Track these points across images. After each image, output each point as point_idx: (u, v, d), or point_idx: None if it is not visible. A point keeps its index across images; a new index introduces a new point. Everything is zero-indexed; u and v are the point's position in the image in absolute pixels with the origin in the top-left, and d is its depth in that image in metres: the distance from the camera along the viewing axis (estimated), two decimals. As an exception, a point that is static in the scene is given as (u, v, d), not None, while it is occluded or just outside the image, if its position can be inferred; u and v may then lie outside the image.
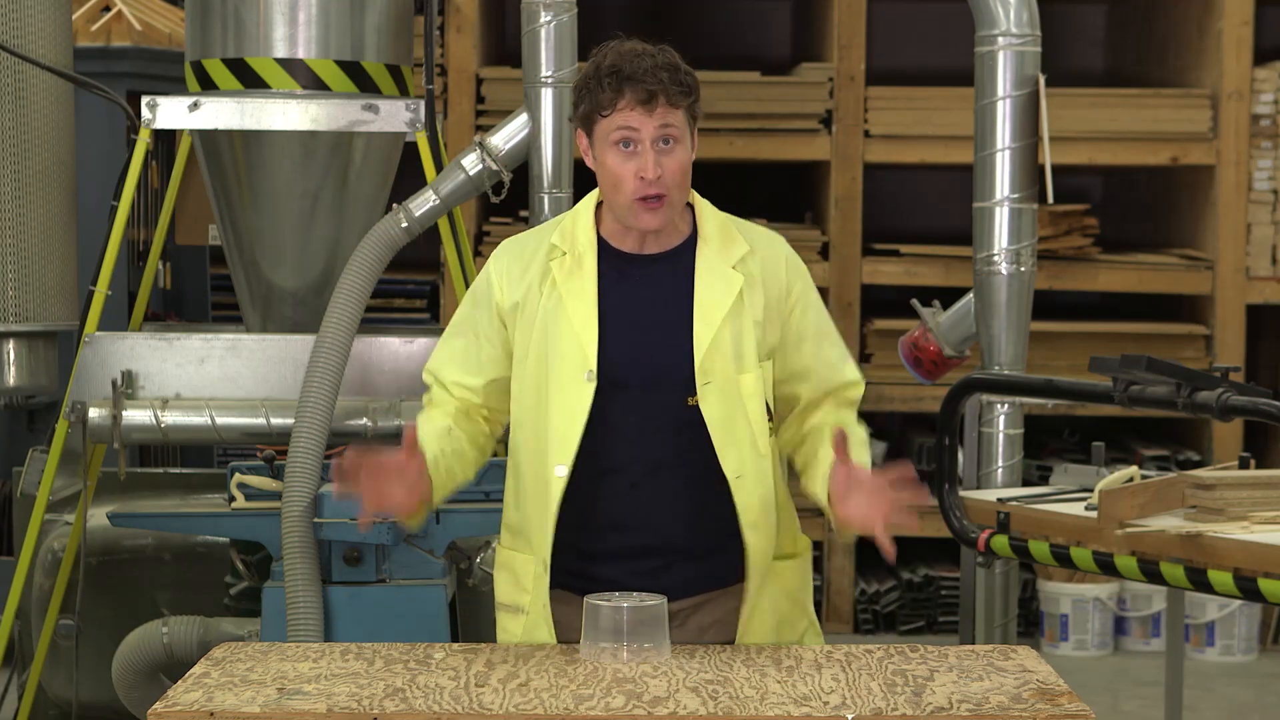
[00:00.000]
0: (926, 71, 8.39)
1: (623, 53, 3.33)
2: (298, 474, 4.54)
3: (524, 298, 3.41)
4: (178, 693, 3.07)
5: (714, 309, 3.36)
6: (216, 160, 5.25)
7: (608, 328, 3.37)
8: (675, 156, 3.33)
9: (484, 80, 7.83)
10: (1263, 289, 7.85)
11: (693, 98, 3.35)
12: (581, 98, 3.33)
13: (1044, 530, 4.48)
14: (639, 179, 3.29)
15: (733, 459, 3.38)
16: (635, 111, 3.28)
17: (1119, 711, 6.78)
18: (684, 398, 3.37)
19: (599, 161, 3.34)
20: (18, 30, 5.20)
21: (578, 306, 3.36)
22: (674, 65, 3.33)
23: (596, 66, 3.32)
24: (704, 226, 3.44)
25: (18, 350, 5.32)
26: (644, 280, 3.40)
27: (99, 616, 5.21)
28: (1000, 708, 2.97)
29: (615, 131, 3.30)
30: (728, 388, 3.36)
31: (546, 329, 3.38)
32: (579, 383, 3.35)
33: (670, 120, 3.31)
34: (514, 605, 3.50)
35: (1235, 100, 7.73)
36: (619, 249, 3.41)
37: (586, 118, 3.33)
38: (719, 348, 3.36)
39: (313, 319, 5.12)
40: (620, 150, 3.30)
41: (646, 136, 3.29)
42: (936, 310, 5.62)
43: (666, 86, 3.29)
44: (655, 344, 3.38)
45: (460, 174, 5.13)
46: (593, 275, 3.38)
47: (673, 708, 2.97)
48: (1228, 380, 4.15)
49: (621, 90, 3.28)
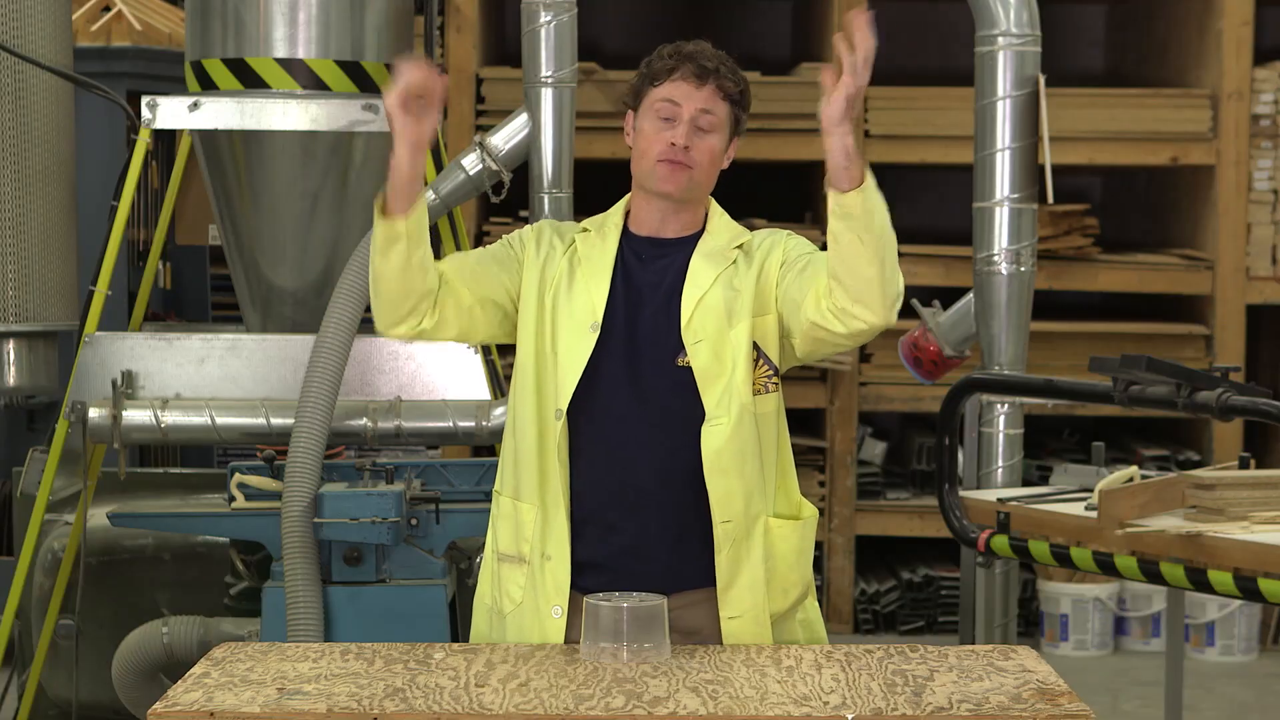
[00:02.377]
0: (926, 71, 8.39)
1: (692, 41, 3.51)
2: (298, 474, 4.54)
3: (547, 258, 3.54)
4: (178, 693, 3.07)
5: (704, 275, 3.48)
6: (216, 160, 5.25)
7: (615, 293, 3.49)
8: (708, 141, 3.47)
9: (484, 80, 7.83)
10: (1263, 289, 7.85)
11: (741, 93, 3.50)
12: (640, 75, 3.49)
13: (1044, 530, 4.48)
14: (669, 144, 3.43)
15: (709, 403, 3.45)
16: (686, 84, 3.44)
17: (1119, 711, 6.78)
18: (675, 357, 3.45)
19: (638, 130, 3.48)
20: (18, 30, 5.20)
21: (594, 271, 3.51)
22: (734, 64, 3.50)
23: (660, 50, 3.50)
24: (711, 224, 3.56)
25: (18, 350, 5.32)
26: (654, 260, 3.53)
27: (99, 616, 5.21)
28: (1000, 708, 2.98)
29: (660, 103, 3.45)
30: (719, 342, 3.45)
31: (561, 288, 3.51)
32: (584, 331, 3.46)
33: (713, 107, 3.46)
34: (516, 555, 3.53)
35: (1235, 100, 7.73)
36: (637, 233, 3.55)
37: (637, 90, 3.49)
38: (708, 308, 3.46)
39: (313, 319, 5.12)
40: (659, 121, 3.45)
41: (687, 113, 3.44)
42: (936, 310, 5.62)
43: (721, 72, 3.45)
44: (652, 308, 3.49)
45: (460, 174, 5.13)
46: (612, 249, 3.53)
47: (673, 708, 2.97)
48: (1228, 380, 4.15)
49: (680, 64, 3.45)
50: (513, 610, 3.53)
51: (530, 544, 3.51)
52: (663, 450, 3.46)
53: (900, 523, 8.03)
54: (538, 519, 3.49)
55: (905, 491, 8.16)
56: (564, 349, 3.48)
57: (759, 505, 3.49)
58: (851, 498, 7.96)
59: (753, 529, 3.48)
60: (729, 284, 3.48)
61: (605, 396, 3.47)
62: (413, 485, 4.64)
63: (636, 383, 3.47)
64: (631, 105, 3.51)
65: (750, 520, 3.48)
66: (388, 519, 4.47)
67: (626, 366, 3.47)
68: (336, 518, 4.48)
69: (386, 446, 5.87)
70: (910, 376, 5.81)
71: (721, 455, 3.44)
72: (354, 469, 4.75)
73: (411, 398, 5.07)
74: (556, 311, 3.50)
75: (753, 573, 3.48)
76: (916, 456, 8.14)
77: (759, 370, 3.47)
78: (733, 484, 3.45)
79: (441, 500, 4.59)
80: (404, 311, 3.45)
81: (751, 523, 3.48)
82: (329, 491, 4.51)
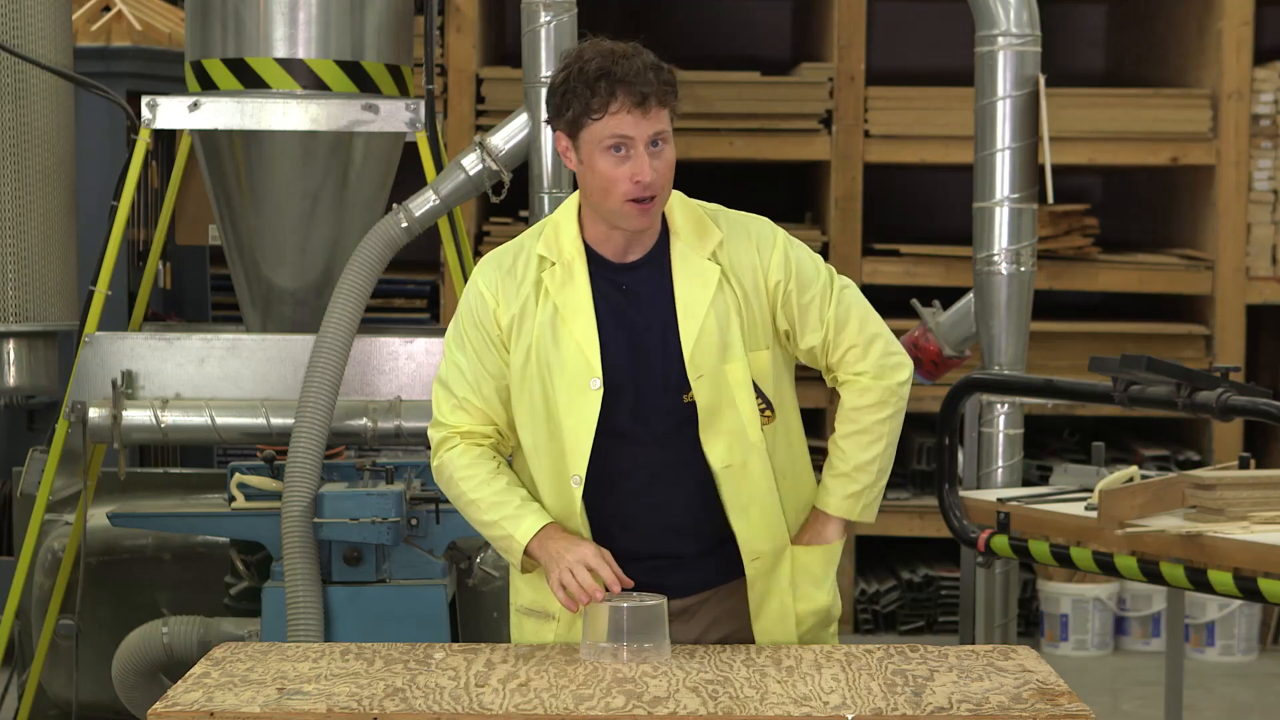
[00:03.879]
0: (926, 71, 8.38)
1: (605, 53, 3.29)
2: (298, 474, 4.54)
3: (520, 311, 3.41)
4: (178, 693, 3.07)
5: (696, 303, 3.38)
6: (216, 160, 5.25)
7: (604, 336, 3.38)
8: (665, 157, 3.32)
9: (484, 80, 7.83)
10: (1263, 289, 7.85)
11: (675, 90, 3.33)
12: (567, 102, 3.30)
13: (1044, 530, 4.48)
14: (634, 182, 3.28)
15: (719, 449, 3.40)
16: (630, 115, 3.26)
17: (1119, 711, 6.78)
18: (680, 395, 3.39)
19: (587, 165, 3.31)
20: (18, 30, 5.20)
21: (577, 318, 3.37)
22: (658, 65, 3.31)
23: (581, 69, 3.28)
24: (674, 220, 3.43)
25: (18, 350, 5.32)
26: (631, 286, 3.41)
27: (99, 616, 5.21)
28: (1000, 708, 2.98)
29: (609, 138, 3.27)
30: (716, 378, 3.38)
31: (546, 341, 3.39)
32: (586, 391, 3.36)
33: (661, 125, 3.30)
34: (542, 611, 3.48)
35: (1235, 100, 7.73)
36: (605, 257, 3.41)
37: (574, 122, 3.30)
38: (705, 340, 3.37)
39: (313, 319, 5.12)
40: (612, 155, 3.28)
41: (641, 141, 3.28)
42: (936, 310, 5.62)
43: (657, 88, 3.28)
44: (648, 347, 3.39)
45: (460, 174, 5.13)
46: (585, 286, 3.38)
47: (673, 708, 2.97)
48: (1228, 380, 4.15)
49: (614, 94, 3.25)
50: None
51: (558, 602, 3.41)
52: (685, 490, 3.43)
53: (900, 523, 8.03)
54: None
55: (905, 491, 8.15)
56: (566, 411, 3.38)
57: (783, 538, 3.49)
58: (851, 498, 7.94)
59: (779, 561, 3.49)
60: (720, 311, 3.38)
61: (617, 448, 3.40)
62: (413, 485, 4.64)
63: (648, 427, 3.40)
64: (568, 134, 3.32)
65: (776, 553, 3.48)
66: (388, 519, 4.47)
67: (633, 414, 3.39)
68: (336, 518, 4.48)
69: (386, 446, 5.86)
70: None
71: (740, 495, 3.42)
72: (354, 469, 4.75)
73: (411, 398, 5.07)
74: (551, 369, 3.38)
75: (781, 601, 3.50)
76: (916, 456, 8.14)
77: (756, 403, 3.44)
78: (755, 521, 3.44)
79: (441, 500, 4.58)
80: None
81: (778, 555, 3.48)
82: (329, 491, 4.51)
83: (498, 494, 3.42)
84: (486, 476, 3.43)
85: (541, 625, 3.49)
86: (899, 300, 6.38)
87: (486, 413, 3.46)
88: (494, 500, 3.42)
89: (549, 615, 3.47)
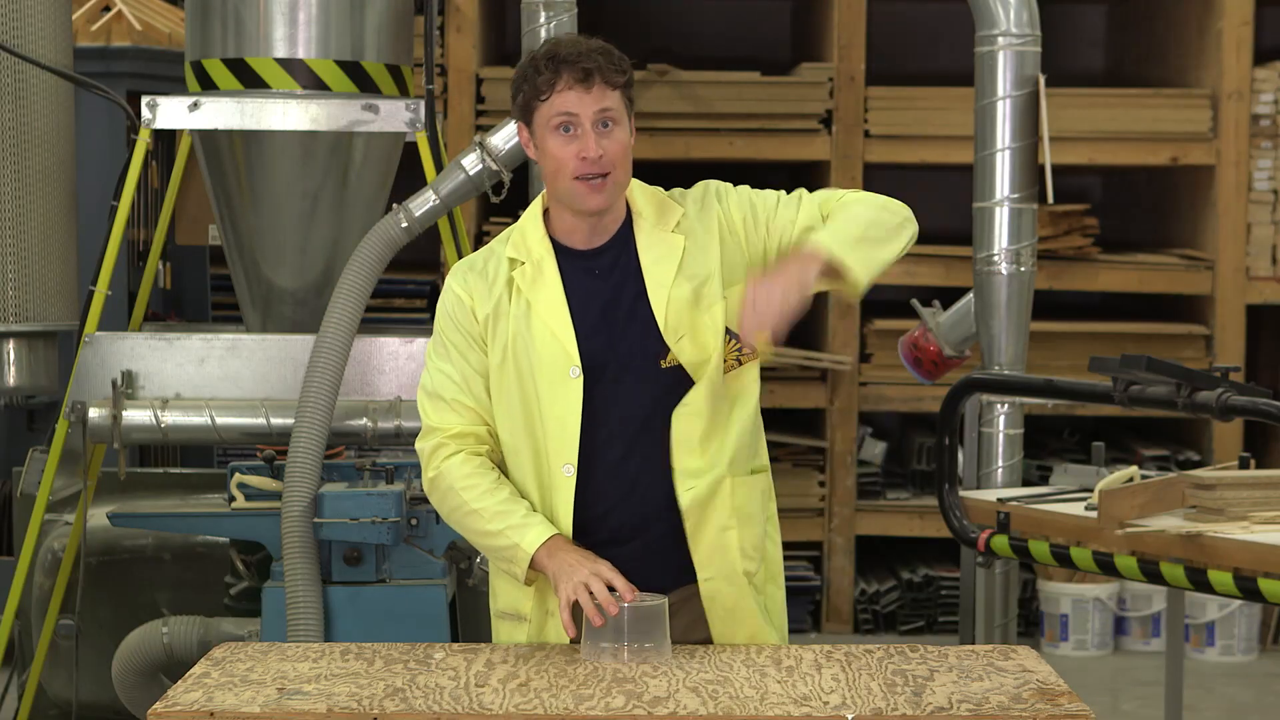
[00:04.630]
0: (926, 71, 8.39)
1: (556, 40, 3.41)
2: (298, 474, 4.54)
3: (494, 310, 3.45)
4: (178, 693, 3.07)
5: (664, 273, 3.41)
6: (216, 160, 5.25)
7: (578, 323, 3.41)
8: (615, 137, 3.36)
9: (484, 80, 7.83)
10: (1263, 289, 7.85)
11: (627, 78, 3.39)
12: (519, 88, 3.39)
13: (1044, 530, 4.48)
14: (580, 159, 3.34)
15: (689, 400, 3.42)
16: (574, 92, 3.33)
17: (1119, 711, 6.78)
18: (656, 363, 3.41)
19: (540, 150, 3.39)
20: (18, 30, 5.20)
21: (549, 310, 3.41)
22: (608, 49, 3.38)
23: (532, 56, 3.39)
24: (636, 203, 3.48)
25: (18, 350, 5.32)
26: (601, 272, 3.45)
27: (99, 616, 5.21)
28: (1000, 708, 2.98)
29: (555, 117, 3.34)
30: (695, 329, 3.40)
31: (522, 336, 3.42)
32: (566, 381, 3.39)
33: (608, 103, 3.35)
34: (515, 613, 3.50)
35: (1235, 100, 7.73)
36: (571, 247, 3.45)
37: (525, 107, 3.38)
38: (677, 302, 3.40)
39: (313, 319, 5.12)
40: (561, 134, 3.35)
41: (586, 119, 3.34)
42: (936, 310, 5.63)
43: (602, 66, 3.34)
44: (623, 320, 3.42)
45: (460, 174, 5.13)
46: (555, 279, 3.43)
47: (673, 708, 2.97)
48: (1228, 380, 4.15)
49: (559, 72, 3.33)
50: None
51: (532, 601, 3.45)
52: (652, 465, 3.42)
53: (900, 523, 8.03)
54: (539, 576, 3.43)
55: (905, 491, 8.16)
56: (550, 402, 3.40)
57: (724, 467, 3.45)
58: (851, 498, 7.96)
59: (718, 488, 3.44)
60: (689, 274, 3.41)
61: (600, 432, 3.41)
62: (413, 485, 4.64)
63: (628, 400, 3.41)
64: (523, 120, 3.40)
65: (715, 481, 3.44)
66: (388, 519, 4.47)
67: (613, 396, 3.41)
68: (336, 518, 4.48)
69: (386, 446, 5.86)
70: (910, 376, 5.81)
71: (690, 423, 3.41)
72: (354, 469, 4.75)
73: (411, 398, 5.06)
74: (529, 362, 3.41)
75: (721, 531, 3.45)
76: (916, 456, 8.14)
77: (728, 347, 3.44)
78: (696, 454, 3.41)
79: (441, 500, 4.58)
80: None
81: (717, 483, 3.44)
82: (329, 491, 4.51)
83: (501, 504, 3.42)
84: (489, 487, 3.44)
85: (515, 627, 3.50)
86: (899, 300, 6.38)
87: (478, 412, 3.47)
88: (498, 510, 3.42)
89: (521, 617, 3.48)
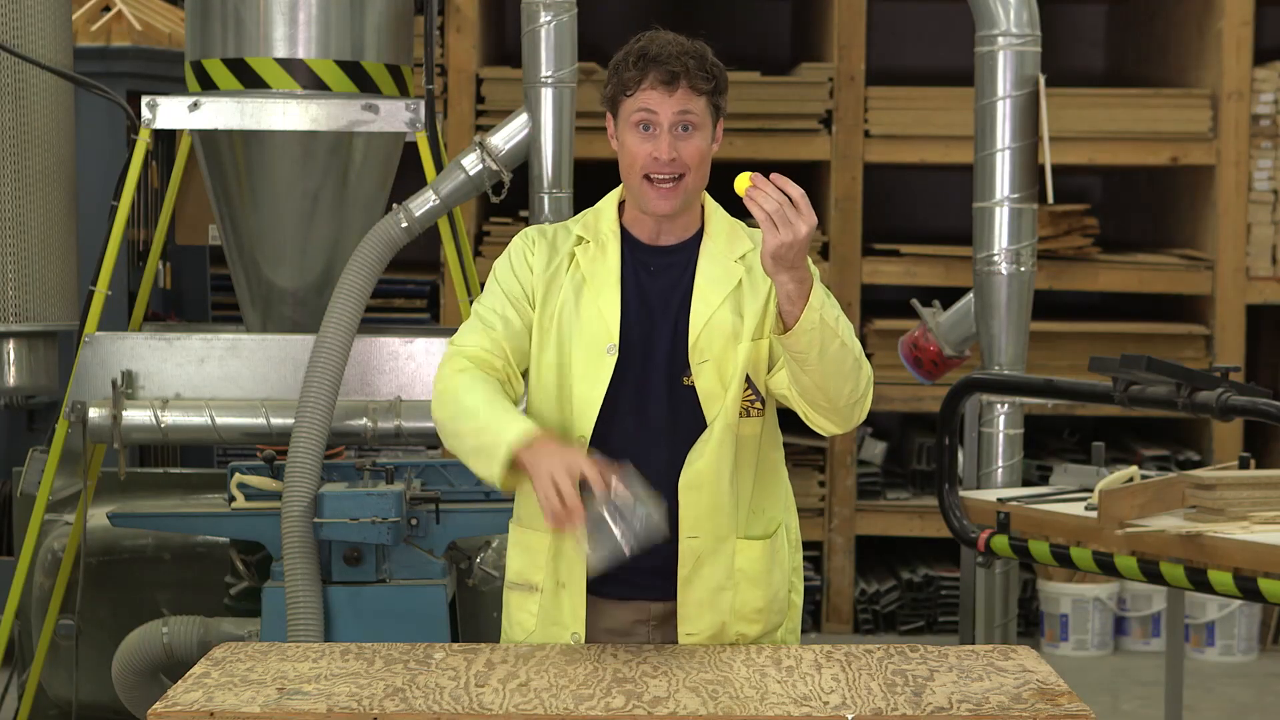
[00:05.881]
0: (926, 71, 8.39)
1: (653, 38, 3.42)
2: (298, 474, 4.54)
3: (552, 277, 3.48)
4: (178, 693, 3.07)
5: (712, 293, 3.43)
6: (216, 160, 5.25)
7: (625, 309, 3.44)
8: (693, 142, 3.38)
9: (484, 80, 7.83)
10: (1263, 289, 7.85)
11: (714, 85, 3.41)
12: (610, 80, 3.43)
13: (1044, 530, 4.49)
14: (652, 158, 3.36)
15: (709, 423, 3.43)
16: (657, 92, 3.36)
17: (1119, 711, 6.78)
18: (680, 377, 3.42)
19: (620, 143, 3.43)
20: (18, 30, 5.20)
21: (602, 288, 3.45)
22: (701, 54, 3.41)
23: (627, 51, 3.41)
24: (711, 225, 3.51)
25: (18, 350, 5.32)
26: (657, 269, 3.48)
27: (99, 616, 5.21)
28: (1000, 708, 2.98)
29: (636, 113, 3.38)
30: (722, 362, 3.41)
31: (569, 305, 3.45)
32: (601, 356, 3.42)
33: (690, 106, 3.37)
34: (526, 583, 3.50)
35: (1235, 100, 7.73)
36: (637, 238, 3.49)
37: (613, 99, 3.42)
38: (715, 328, 3.42)
39: (313, 319, 5.12)
40: (639, 132, 3.38)
41: (665, 119, 3.36)
42: (936, 310, 5.63)
43: (690, 71, 3.37)
44: (660, 326, 3.44)
45: (460, 174, 5.13)
46: (615, 261, 3.46)
47: (673, 708, 2.97)
48: (1228, 380, 4.16)
49: (646, 71, 3.36)
50: (525, 640, 3.50)
51: (544, 571, 3.47)
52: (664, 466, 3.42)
53: (900, 523, 8.03)
54: (551, 545, 3.46)
55: (905, 491, 8.16)
56: (580, 373, 3.43)
57: (727, 527, 3.45)
58: (851, 498, 7.96)
59: (720, 548, 3.45)
60: (735, 307, 3.43)
61: (617, 417, 3.43)
62: (413, 485, 4.64)
63: (644, 401, 3.44)
64: (610, 111, 3.45)
65: (718, 540, 3.44)
66: (388, 519, 4.47)
67: (637, 387, 3.43)
68: (336, 518, 4.48)
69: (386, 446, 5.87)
70: (910, 376, 5.81)
71: (700, 473, 3.42)
72: (354, 469, 4.75)
73: (411, 398, 5.07)
74: (570, 333, 3.44)
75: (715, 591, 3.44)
76: (916, 456, 8.14)
77: (745, 394, 3.44)
78: (703, 500, 3.42)
79: (441, 500, 4.59)
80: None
81: (719, 542, 3.45)
82: (329, 491, 4.51)
83: (494, 402, 3.36)
84: (489, 394, 3.39)
85: (526, 598, 3.50)
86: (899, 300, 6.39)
87: (501, 345, 3.46)
88: (490, 407, 3.35)
89: (532, 587, 3.49)
